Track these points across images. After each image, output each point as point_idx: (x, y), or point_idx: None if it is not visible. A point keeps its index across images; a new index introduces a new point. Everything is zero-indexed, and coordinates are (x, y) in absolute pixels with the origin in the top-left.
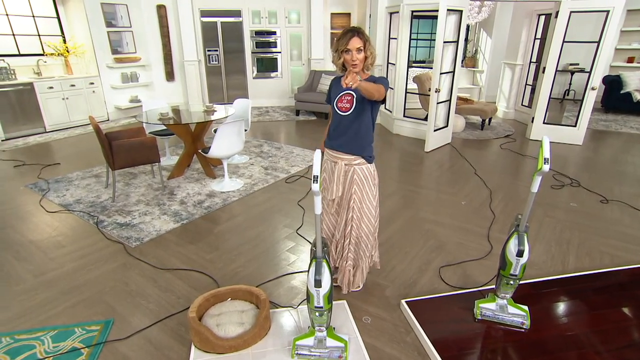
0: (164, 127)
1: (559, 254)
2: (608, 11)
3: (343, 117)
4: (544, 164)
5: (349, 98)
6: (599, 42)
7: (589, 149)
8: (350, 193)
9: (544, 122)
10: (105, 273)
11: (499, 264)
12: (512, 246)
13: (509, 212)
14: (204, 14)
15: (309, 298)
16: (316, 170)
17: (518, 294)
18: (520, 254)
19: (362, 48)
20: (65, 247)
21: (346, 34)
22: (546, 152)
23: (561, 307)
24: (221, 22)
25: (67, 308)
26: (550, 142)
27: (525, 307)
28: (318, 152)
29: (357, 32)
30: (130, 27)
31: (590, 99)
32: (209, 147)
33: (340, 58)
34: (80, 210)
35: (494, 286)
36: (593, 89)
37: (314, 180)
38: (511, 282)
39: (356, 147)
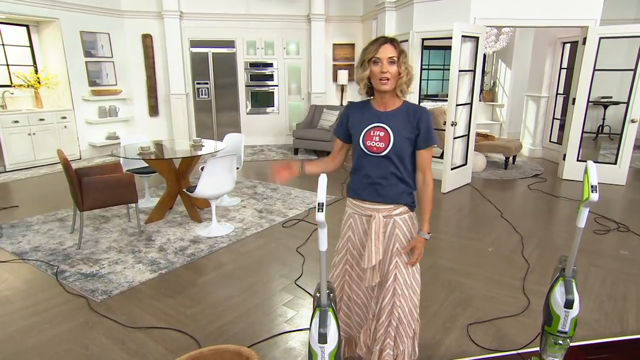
0: (145, 165)
1: (615, 311)
2: None
3: (374, 159)
4: (591, 192)
5: (382, 134)
6: (635, 70)
7: (634, 190)
8: (391, 254)
9: (577, 160)
10: (60, 334)
11: (543, 318)
12: (558, 295)
13: (545, 261)
14: (194, 44)
15: (311, 358)
16: (321, 198)
17: None
18: (569, 304)
19: (395, 59)
20: (14, 304)
21: (376, 40)
22: (592, 179)
23: None
24: (213, 53)
25: None
26: (596, 167)
27: None
28: (324, 176)
29: (391, 40)
30: (112, 57)
31: (631, 133)
32: (195, 186)
33: (366, 70)
34: (38, 259)
35: (537, 348)
36: (633, 121)
37: (318, 209)
38: (560, 341)
39: (399, 195)
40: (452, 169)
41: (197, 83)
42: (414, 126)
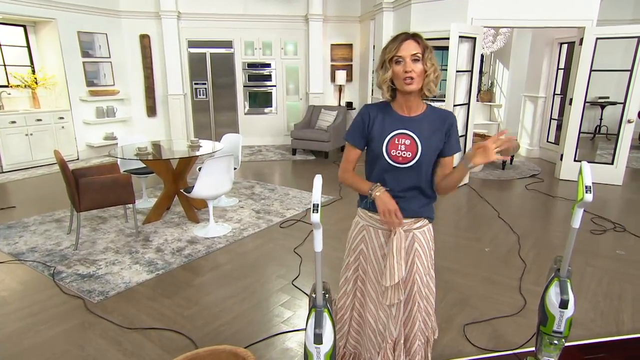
0: (142, 165)
1: (610, 311)
2: (639, 37)
3: (398, 170)
4: (586, 192)
5: (409, 143)
6: (631, 71)
7: (631, 190)
8: (413, 271)
9: (575, 160)
10: (57, 335)
11: (538, 318)
12: (553, 295)
13: (542, 261)
14: (192, 44)
15: (307, 359)
16: (316, 198)
17: None
18: (564, 304)
19: (419, 56)
20: (10, 305)
21: (397, 37)
22: (587, 180)
23: None
24: (210, 53)
25: None
26: (590, 168)
27: None
28: (319, 177)
29: (413, 35)
30: (109, 57)
31: (627, 133)
32: (193, 187)
33: (387, 71)
34: (34, 260)
35: (533, 348)
36: (629, 121)
37: (313, 210)
38: (555, 341)
39: (421, 208)
40: None
41: (195, 83)
42: (444, 134)
